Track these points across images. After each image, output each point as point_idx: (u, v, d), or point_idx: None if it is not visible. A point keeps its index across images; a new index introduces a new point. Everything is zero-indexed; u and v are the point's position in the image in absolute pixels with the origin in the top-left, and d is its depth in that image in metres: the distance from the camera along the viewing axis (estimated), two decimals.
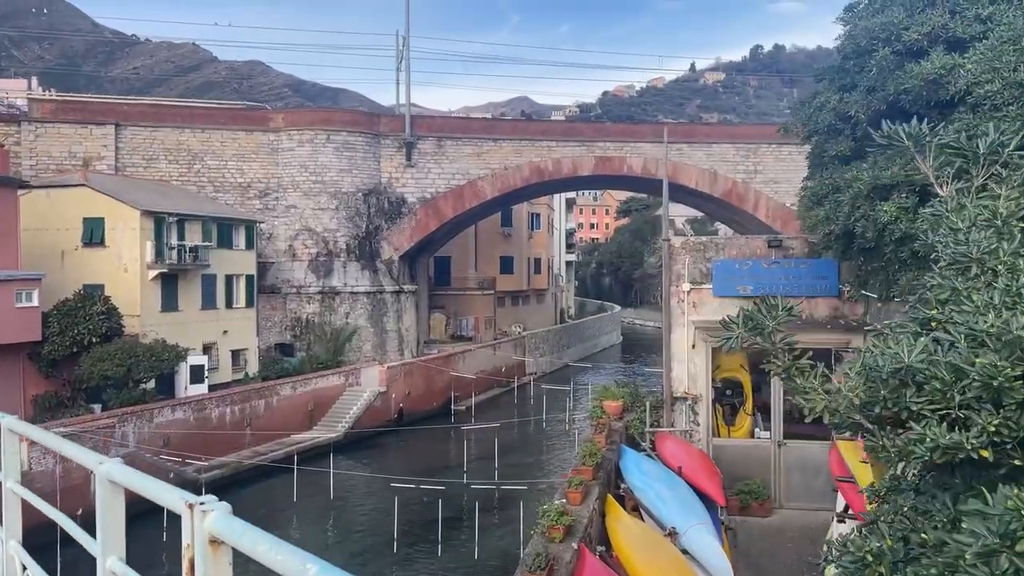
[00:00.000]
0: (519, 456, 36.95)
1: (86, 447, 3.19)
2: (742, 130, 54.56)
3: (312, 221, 46.97)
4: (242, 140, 46.86)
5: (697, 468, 12.05)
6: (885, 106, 9.88)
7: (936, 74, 8.95)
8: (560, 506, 10.29)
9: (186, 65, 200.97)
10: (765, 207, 51.75)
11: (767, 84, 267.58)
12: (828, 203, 10.88)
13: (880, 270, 10.37)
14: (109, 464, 2.86)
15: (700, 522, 10.43)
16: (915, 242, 9.09)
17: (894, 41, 9.71)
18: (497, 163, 49.74)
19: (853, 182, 10.09)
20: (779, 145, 52.34)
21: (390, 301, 48.16)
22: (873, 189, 9.62)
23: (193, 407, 32.83)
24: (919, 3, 10.04)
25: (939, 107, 9.34)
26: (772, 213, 51.85)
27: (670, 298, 14.87)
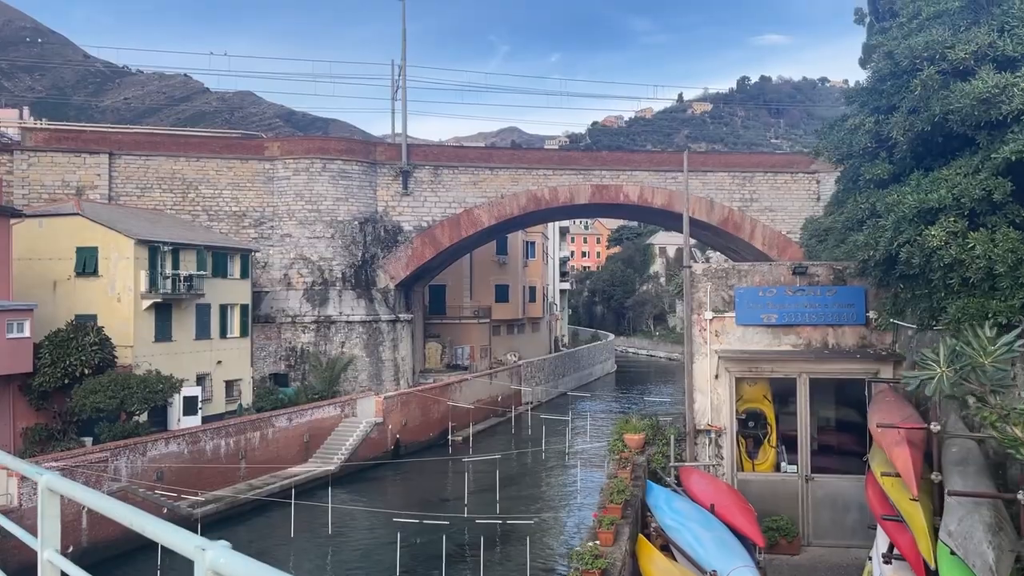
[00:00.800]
0: (520, 488, 36.29)
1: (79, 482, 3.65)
2: (738, 158, 54.66)
3: (307, 250, 46.54)
4: (237, 168, 46.52)
5: (730, 505, 11.58)
6: (929, 127, 9.60)
7: (988, 93, 8.68)
8: (593, 548, 9.79)
9: (177, 96, 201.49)
10: (761, 235, 51.71)
11: (754, 115, 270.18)
12: (867, 228, 10.55)
13: (924, 297, 10.01)
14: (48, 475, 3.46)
15: (743, 564, 9.95)
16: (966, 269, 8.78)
17: (939, 60, 9.46)
18: (494, 191, 49.55)
19: (895, 205, 9.78)
20: (774, 173, 52.54)
21: (386, 330, 47.63)
22: (918, 213, 9.33)
23: (187, 440, 32.08)
24: (963, 21, 9.81)
25: (989, 127, 9.08)
26: (768, 241, 51.82)
27: (691, 327, 14.47)
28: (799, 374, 13.96)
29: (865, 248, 10.41)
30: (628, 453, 14.44)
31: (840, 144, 11.36)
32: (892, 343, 13.82)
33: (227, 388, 41.01)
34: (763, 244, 51.60)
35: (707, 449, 14.25)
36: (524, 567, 24.31)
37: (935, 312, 9.88)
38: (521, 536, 28.07)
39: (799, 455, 13.91)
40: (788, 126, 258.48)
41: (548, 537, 28.34)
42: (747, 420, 14.40)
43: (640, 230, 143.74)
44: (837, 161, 11.65)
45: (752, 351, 14.23)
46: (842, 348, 14.07)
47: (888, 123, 10.42)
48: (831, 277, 14.21)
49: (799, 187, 52.24)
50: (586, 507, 32.63)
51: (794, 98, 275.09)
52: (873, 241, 10.36)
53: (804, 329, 14.24)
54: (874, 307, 13.90)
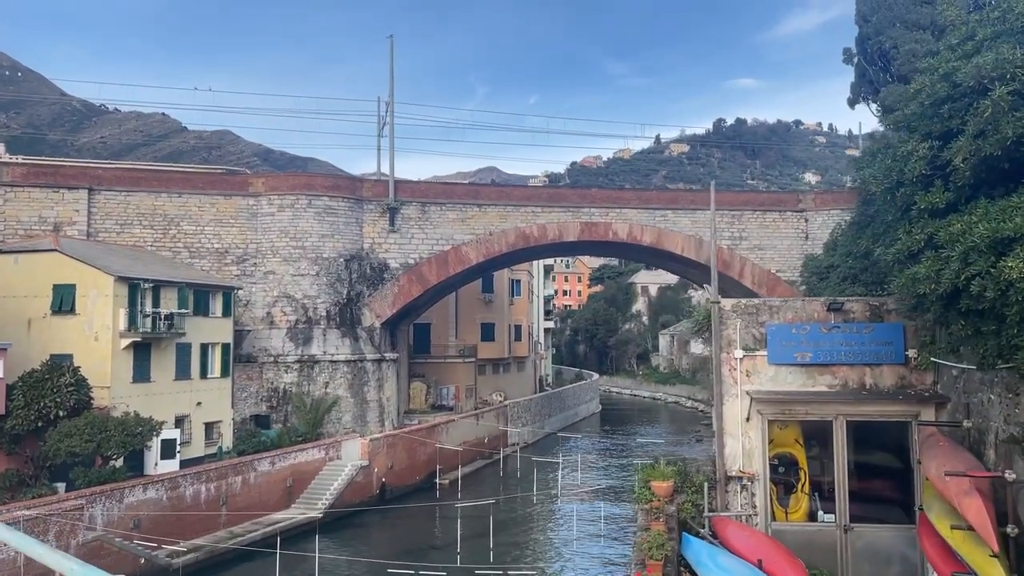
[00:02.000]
0: (513, 534, 35.04)
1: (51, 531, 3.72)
2: (726, 196, 54.50)
3: (291, 287, 45.47)
4: (220, 205, 45.56)
5: (779, 560, 10.71)
6: (999, 151, 9.01)
7: None
8: None
9: (155, 134, 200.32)
10: (751, 273, 51.36)
11: (731, 156, 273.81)
12: (926, 259, 9.89)
13: (991, 334, 9.34)
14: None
15: None
16: None
17: (1010, 80, 8.93)
18: (482, 228, 48.92)
19: (961, 235, 9.16)
20: (763, 212, 52.39)
21: (371, 370, 46.45)
22: (991, 243, 8.70)
23: (166, 486, 30.67)
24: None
25: None
26: (757, 280, 51.46)
27: (721, 366, 13.70)
28: (835, 416, 13.21)
29: (925, 281, 9.75)
30: (659, 502, 13.56)
31: (889, 172, 10.77)
32: (933, 384, 13.14)
33: (207, 430, 39.54)
34: (752, 283, 51.22)
35: (738, 497, 13.41)
36: None
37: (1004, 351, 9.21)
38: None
39: (837, 503, 13.09)
40: (764, 167, 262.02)
41: None
42: (777, 465, 13.60)
43: (622, 269, 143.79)
44: (886, 190, 11.06)
45: (786, 392, 13.49)
46: (880, 389, 13.37)
47: (949, 148, 9.83)
48: (867, 313, 13.56)
49: (788, 225, 52.09)
50: (582, 555, 31.49)
51: (769, 140, 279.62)
52: (934, 274, 9.72)
53: (840, 369, 13.54)
54: (914, 345, 13.25)
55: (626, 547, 32.31)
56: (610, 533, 34.35)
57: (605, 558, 30.90)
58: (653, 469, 14.87)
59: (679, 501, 13.94)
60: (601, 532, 34.26)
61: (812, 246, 51.49)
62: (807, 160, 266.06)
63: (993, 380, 10.53)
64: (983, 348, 9.67)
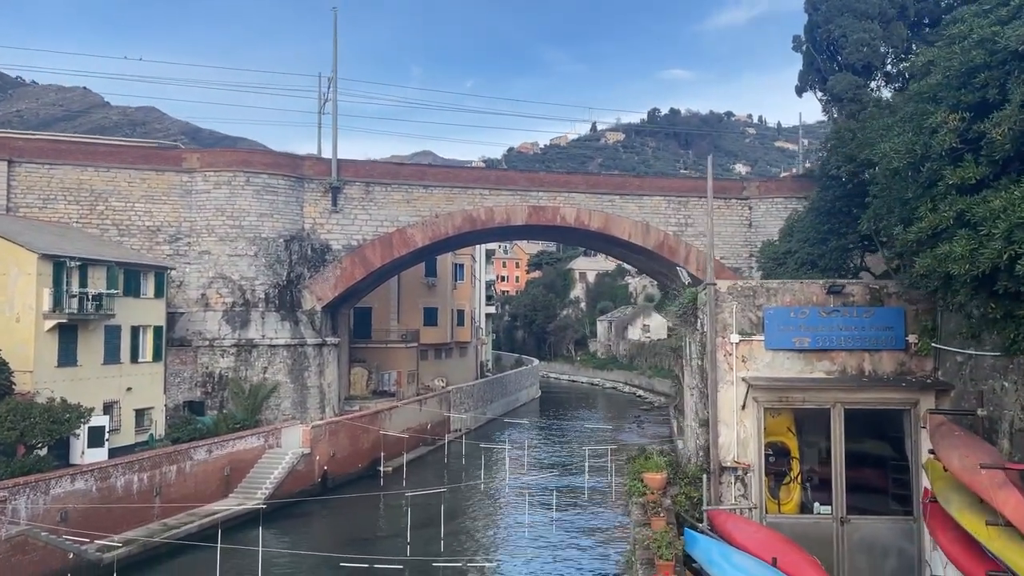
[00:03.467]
0: (461, 523, 34.22)
1: None
2: (673, 183, 54.44)
3: (228, 268, 43.51)
4: (152, 180, 43.26)
5: (795, 558, 10.12)
6: None
7: None
8: None
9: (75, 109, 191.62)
10: (696, 260, 51.36)
11: (664, 145, 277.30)
12: (960, 238, 9.37)
13: None
14: None
15: None
16: None
17: None
18: (428, 210, 47.69)
19: (1004, 212, 8.65)
20: None
21: (312, 355, 44.90)
22: None
23: (96, 476, 28.84)
24: None
25: None
26: (702, 266, 51.42)
27: (715, 351, 13.07)
28: (833, 404, 12.73)
29: (959, 261, 9.23)
30: (654, 495, 12.88)
31: (912, 146, 10.22)
32: (933, 370, 12.76)
33: (137, 417, 37.64)
34: (697, 269, 51.18)
35: (732, 489, 12.83)
36: None
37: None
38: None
39: (834, 494, 12.63)
40: (696, 157, 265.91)
41: None
42: (769, 455, 13.08)
43: (560, 255, 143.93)
44: (908, 165, 10.52)
45: (783, 378, 12.95)
46: (879, 375, 12.94)
47: (985, 120, 9.31)
48: (867, 297, 13.09)
49: (732, 213, 52.29)
50: (536, 544, 30.86)
51: (701, 130, 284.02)
52: (968, 253, 9.20)
53: (839, 354, 13.06)
54: (914, 330, 12.83)
55: (582, 534, 31.85)
56: (562, 520, 33.84)
57: (559, 545, 30.34)
58: (646, 460, 14.21)
59: (672, 493, 13.33)
60: (552, 519, 33.70)
61: (755, 234, 51.87)
62: (738, 151, 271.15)
63: (1008, 367, 10.16)
64: (1014, 332, 9.24)
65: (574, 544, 30.63)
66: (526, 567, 27.53)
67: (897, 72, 41.01)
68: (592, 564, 28.01)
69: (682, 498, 13.21)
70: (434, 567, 24.91)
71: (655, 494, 13.05)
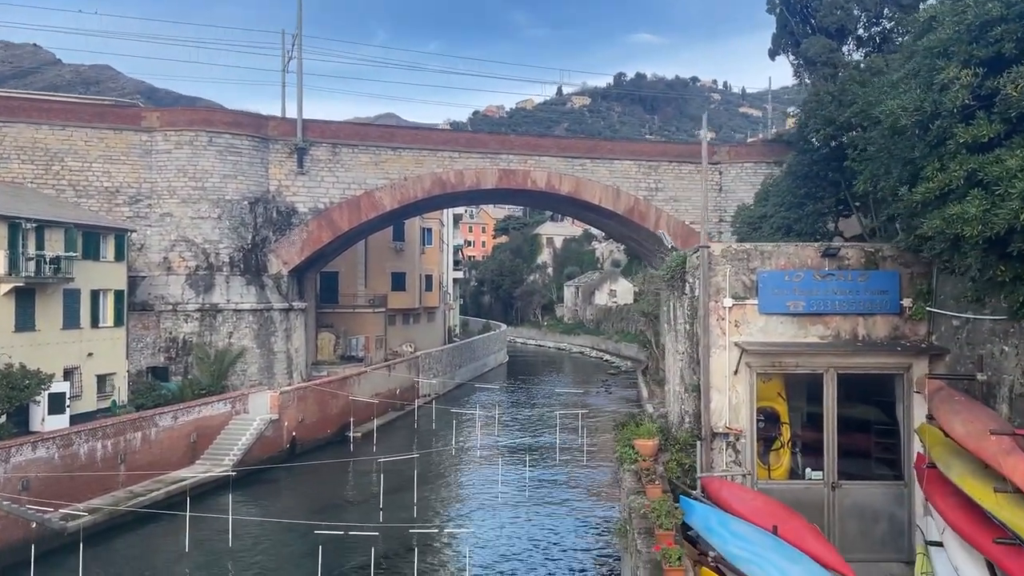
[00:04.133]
0: (432, 489, 34.02)
1: None
2: (644, 147, 54.11)
3: (191, 231, 42.39)
4: (110, 140, 41.79)
5: (794, 525, 9.94)
6: None
7: None
8: None
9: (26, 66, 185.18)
10: (666, 225, 51.24)
11: (630, 110, 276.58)
12: (973, 198, 9.09)
13: None
14: None
15: None
16: None
17: None
18: (396, 173, 46.82)
19: (1021, 171, 8.36)
20: (679, 163, 52.26)
21: (278, 319, 44.12)
22: None
23: (58, 443, 28.07)
24: None
25: None
26: (672, 231, 51.36)
27: (708, 316, 12.78)
28: (827, 369, 12.56)
29: (972, 222, 8.98)
30: (647, 463, 12.64)
31: (922, 103, 9.90)
32: (927, 334, 12.63)
33: (99, 383, 36.64)
34: (668, 234, 51.16)
35: (724, 455, 12.65)
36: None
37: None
38: (448, 545, 25.98)
39: (825, 460, 12.51)
40: (662, 122, 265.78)
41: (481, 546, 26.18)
42: (759, 421, 12.90)
43: (526, 220, 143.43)
44: (916, 124, 10.21)
45: (777, 343, 12.74)
46: (873, 340, 12.78)
47: (1000, 75, 9.00)
48: (863, 260, 12.87)
49: (702, 177, 52.08)
50: (510, 508, 30.79)
51: (667, 96, 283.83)
52: (982, 213, 8.95)
53: (833, 319, 12.86)
54: (909, 294, 12.66)
55: (556, 498, 31.85)
56: (536, 480, 33.82)
57: (531, 509, 30.30)
58: (637, 427, 13.95)
59: (663, 460, 13.12)
60: (526, 483, 33.66)
61: (725, 199, 51.85)
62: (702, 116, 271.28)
63: (1008, 331, 10.02)
64: (1023, 295, 9.05)
65: (549, 509, 30.62)
66: (501, 530, 27.43)
67: (868, 36, 40.93)
68: (567, 525, 28.03)
69: (673, 465, 13.02)
70: (409, 533, 24.68)
71: (648, 461, 12.83)
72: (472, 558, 22.99)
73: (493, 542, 26.30)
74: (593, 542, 26.70)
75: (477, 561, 23.78)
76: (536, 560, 24.69)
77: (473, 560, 23.16)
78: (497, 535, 27.03)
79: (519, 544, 26.24)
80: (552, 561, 24.77)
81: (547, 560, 24.78)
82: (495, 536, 26.98)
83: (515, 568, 24.23)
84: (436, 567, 24.20)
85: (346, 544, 23.94)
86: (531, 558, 24.91)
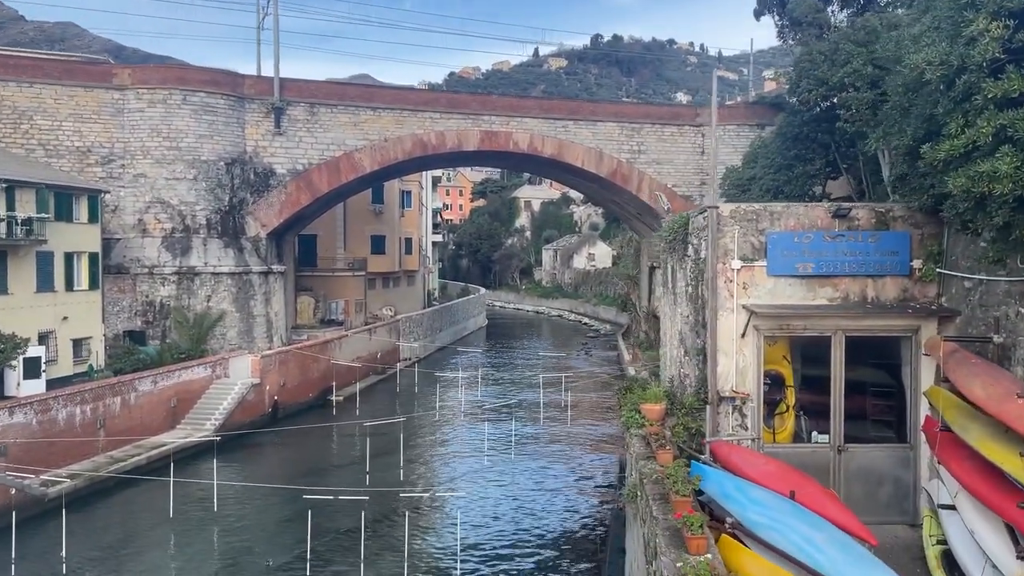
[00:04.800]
0: (416, 452, 33.89)
1: None
2: (626, 108, 53.55)
3: (166, 192, 41.43)
4: (80, 97, 40.54)
5: (812, 491, 9.78)
6: None
7: None
8: (705, 564, 7.74)
9: None
10: (648, 188, 50.97)
11: (607, 73, 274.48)
12: (1004, 155, 8.84)
13: None
14: None
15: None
16: None
17: None
18: (376, 134, 45.96)
19: None
20: (662, 125, 51.79)
21: (258, 283, 43.45)
22: None
23: (36, 409, 27.50)
24: None
25: None
26: (654, 194, 51.15)
27: (715, 278, 12.53)
28: (835, 331, 12.37)
29: (1003, 180, 8.75)
30: (656, 427, 12.45)
31: (948, 56, 9.59)
32: (936, 296, 12.48)
33: (75, 347, 35.96)
34: (649, 197, 50.91)
35: (730, 419, 12.49)
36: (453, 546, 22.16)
37: None
38: (437, 507, 25.88)
39: (832, 423, 12.38)
40: (639, 85, 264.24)
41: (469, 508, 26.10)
42: (765, 384, 12.73)
43: (504, 183, 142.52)
44: (941, 78, 9.91)
45: (785, 306, 12.52)
46: (882, 302, 12.60)
47: None
48: (873, 221, 12.64)
49: (685, 140, 51.77)
50: (496, 470, 30.75)
51: (644, 58, 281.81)
52: (1012, 171, 8.71)
53: (842, 280, 12.64)
54: (919, 255, 12.48)
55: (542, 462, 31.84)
56: (521, 440, 33.81)
57: (516, 472, 30.29)
58: (643, 391, 13.75)
59: (670, 424, 12.94)
60: (512, 445, 33.64)
61: (708, 161, 51.57)
62: (679, 79, 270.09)
63: (1017, 292, 9.89)
64: None
65: (535, 468, 30.63)
66: (488, 491, 27.39)
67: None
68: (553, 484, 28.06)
69: (680, 429, 12.85)
70: (399, 497, 24.53)
71: (655, 426, 12.65)
72: (461, 519, 22.89)
73: (480, 503, 26.26)
74: (582, 499, 26.77)
75: (466, 521, 23.71)
76: (525, 520, 24.68)
77: (463, 521, 23.06)
78: (484, 496, 26.98)
79: (506, 504, 26.23)
80: (540, 519, 24.79)
81: (535, 519, 24.79)
82: (482, 497, 26.94)
83: (503, 527, 24.23)
84: (426, 529, 24.12)
85: (332, 509, 23.76)
86: (519, 517, 24.91)
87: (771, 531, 8.91)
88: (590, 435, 36.28)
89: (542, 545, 23.02)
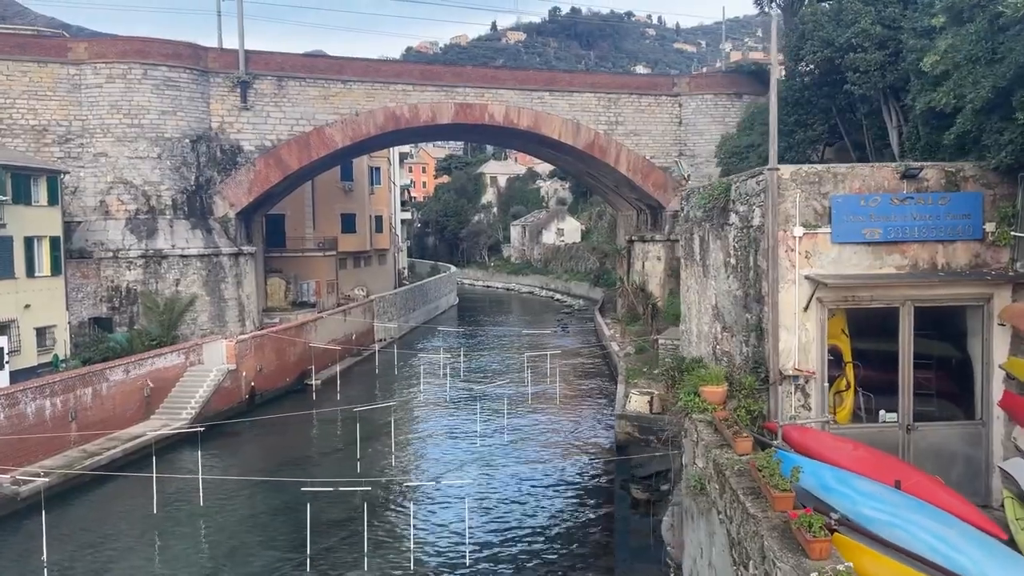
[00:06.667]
0: (406, 436, 32.82)
1: None
2: (603, 79, 52.43)
3: (129, 172, 39.49)
4: (34, 73, 38.33)
5: (918, 479, 8.98)
6: None
7: None
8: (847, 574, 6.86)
9: None
10: (626, 160, 50.14)
11: (566, 46, 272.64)
12: None
13: None
14: None
15: None
16: None
17: None
18: (347, 108, 44.34)
19: None
20: (639, 96, 50.88)
21: (228, 265, 41.76)
22: None
23: (3, 403, 25.85)
24: None
25: None
26: (632, 166, 50.36)
27: (776, 247, 11.61)
28: (904, 302, 11.58)
29: None
30: (723, 412, 11.55)
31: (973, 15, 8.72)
32: (1011, 260, 11.72)
33: (38, 336, 34.15)
34: (628, 169, 50.11)
35: (792, 399, 11.65)
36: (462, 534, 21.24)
37: None
38: (437, 495, 24.85)
39: (900, 400, 11.62)
40: (598, 59, 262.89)
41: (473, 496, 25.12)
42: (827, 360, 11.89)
43: (469, 159, 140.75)
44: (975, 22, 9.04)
45: (851, 275, 11.67)
46: (952, 269, 11.82)
47: None
48: (943, 181, 11.83)
49: (662, 111, 50.95)
50: (488, 454, 29.82)
51: (603, 31, 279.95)
52: None
53: (911, 247, 11.82)
54: (992, 218, 11.70)
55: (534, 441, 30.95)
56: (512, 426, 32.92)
57: (511, 456, 29.39)
58: (704, 371, 12.80)
59: (730, 407, 12.06)
60: (504, 428, 32.73)
61: (685, 131, 50.86)
62: (638, 52, 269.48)
63: None
64: None
65: (531, 453, 29.77)
66: (490, 476, 26.43)
67: None
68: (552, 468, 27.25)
69: (742, 412, 11.98)
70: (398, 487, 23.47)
71: (721, 410, 11.77)
72: (469, 510, 21.93)
73: (482, 490, 25.31)
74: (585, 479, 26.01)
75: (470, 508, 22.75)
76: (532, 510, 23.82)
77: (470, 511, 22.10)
78: (489, 482, 26.02)
79: (508, 491, 25.34)
80: (546, 508, 23.96)
81: (541, 508, 23.96)
82: (486, 483, 25.98)
83: (510, 510, 23.37)
84: (430, 517, 23.12)
85: (327, 499, 22.67)
86: (526, 505, 24.05)
87: (894, 529, 8.06)
88: (580, 415, 35.52)
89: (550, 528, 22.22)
